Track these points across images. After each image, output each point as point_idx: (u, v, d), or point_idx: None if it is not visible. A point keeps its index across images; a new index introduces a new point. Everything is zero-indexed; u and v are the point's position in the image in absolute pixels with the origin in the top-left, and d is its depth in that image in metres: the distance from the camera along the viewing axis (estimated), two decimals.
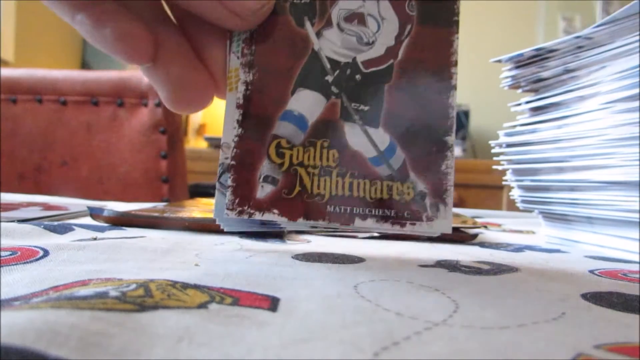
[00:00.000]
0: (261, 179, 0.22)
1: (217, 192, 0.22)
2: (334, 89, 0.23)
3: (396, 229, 0.22)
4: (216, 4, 0.20)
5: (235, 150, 0.22)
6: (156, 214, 0.33)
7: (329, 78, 0.23)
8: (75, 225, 0.30)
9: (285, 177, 0.22)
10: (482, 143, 2.10)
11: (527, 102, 0.36)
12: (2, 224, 0.28)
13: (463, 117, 2.03)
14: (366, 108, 0.23)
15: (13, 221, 0.30)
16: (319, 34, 0.23)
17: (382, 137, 0.22)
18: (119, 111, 0.91)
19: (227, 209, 0.22)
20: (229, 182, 0.22)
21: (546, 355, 0.12)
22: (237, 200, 0.22)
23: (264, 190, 0.22)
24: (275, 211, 0.22)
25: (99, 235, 0.27)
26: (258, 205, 0.22)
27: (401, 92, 0.23)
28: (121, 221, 0.33)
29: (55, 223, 0.30)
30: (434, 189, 0.22)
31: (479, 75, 2.04)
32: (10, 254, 0.20)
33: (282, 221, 0.22)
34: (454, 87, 0.23)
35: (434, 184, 0.22)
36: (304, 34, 0.23)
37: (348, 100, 0.23)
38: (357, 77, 0.23)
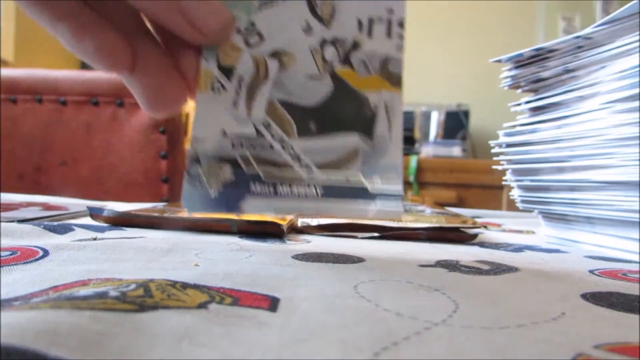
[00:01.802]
0: None
1: (185, 182, 0.23)
2: None
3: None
4: (181, 21, 0.21)
5: None
6: (156, 214, 0.33)
7: None
8: (75, 225, 0.30)
9: None
10: (482, 143, 2.10)
11: (527, 102, 0.36)
12: (2, 224, 0.28)
13: (463, 117, 2.02)
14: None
15: (13, 221, 0.30)
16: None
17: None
18: (119, 111, 0.91)
19: None
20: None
21: (546, 355, 0.12)
22: None
23: None
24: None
25: (99, 235, 0.27)
26: None
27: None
28: (121, 221, 0.33)
29: (55, 223, 0.30)
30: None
31: (479, 75, 2.04)
32: (10, 254, 0.20)
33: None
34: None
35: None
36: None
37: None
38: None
